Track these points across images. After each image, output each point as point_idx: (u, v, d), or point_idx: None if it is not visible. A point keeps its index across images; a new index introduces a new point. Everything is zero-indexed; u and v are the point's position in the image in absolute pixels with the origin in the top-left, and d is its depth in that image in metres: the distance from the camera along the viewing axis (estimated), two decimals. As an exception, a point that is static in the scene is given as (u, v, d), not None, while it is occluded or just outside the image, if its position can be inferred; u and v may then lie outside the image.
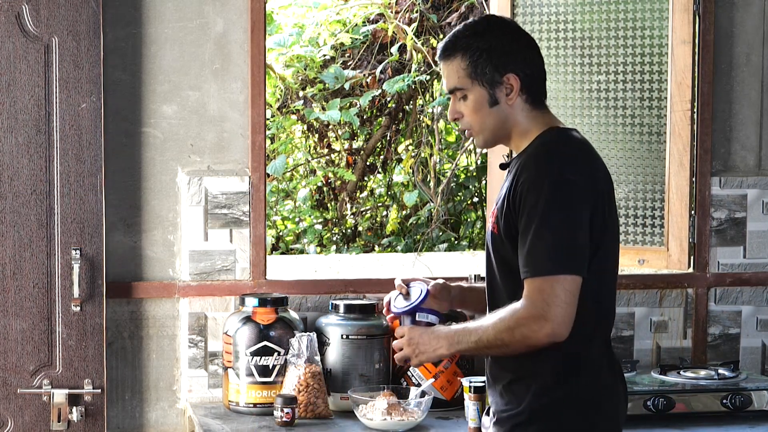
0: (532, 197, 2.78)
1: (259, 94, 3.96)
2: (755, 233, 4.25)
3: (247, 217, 3.97)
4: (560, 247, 2.77)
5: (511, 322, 2.79)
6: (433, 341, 2.95)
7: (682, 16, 4.14)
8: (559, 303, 2.75)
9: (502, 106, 2.92)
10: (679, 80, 4.16)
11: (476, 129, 2.98)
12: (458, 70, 2.94)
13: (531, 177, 2.81)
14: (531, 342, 2.78)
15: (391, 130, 7.11)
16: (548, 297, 2.75)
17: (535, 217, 2.77)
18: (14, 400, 3.78)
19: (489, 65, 2.91)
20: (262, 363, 3.75)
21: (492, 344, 2.84)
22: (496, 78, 2.91)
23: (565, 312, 2.76)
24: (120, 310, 3.93)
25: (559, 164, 2.82)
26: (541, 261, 2.76)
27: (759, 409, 3.76)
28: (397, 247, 6.91)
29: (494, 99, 2.92)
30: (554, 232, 2.77)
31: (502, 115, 2.93)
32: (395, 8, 6.85)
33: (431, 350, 2.96)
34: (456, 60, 2.94)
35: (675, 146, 4.18)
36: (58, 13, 3.72)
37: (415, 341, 2.99)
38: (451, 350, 2.94)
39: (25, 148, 3.74)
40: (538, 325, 2.76)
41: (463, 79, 2.94)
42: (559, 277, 2.75)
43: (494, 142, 3.01)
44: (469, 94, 2.94)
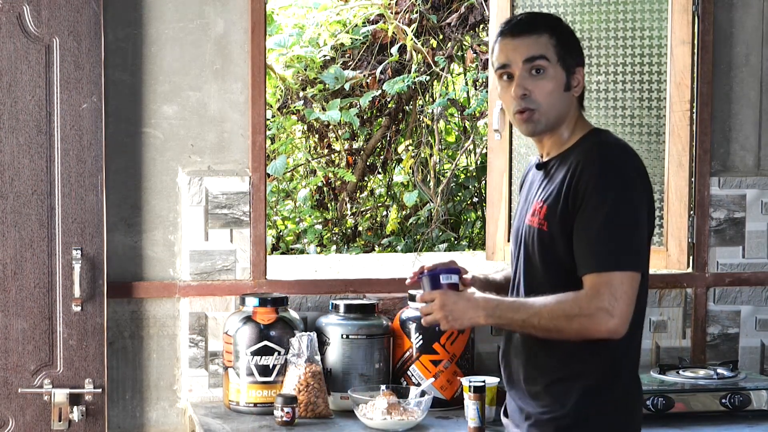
0: (599, 194, 2.81)
1: (259, 95, 3.97)
2: (754, 233, 4.26)
3: (248, 217, 3.98)
4: (627, 244, 2.81)
5: (573, 310, 2.80)
6: (469, 309, 2.93)
7: (681, 17, 4.15)
8: (625, 299, 2.78)
9: (570, 94, 2.98)
10: (679, 80, 4.16)
11: (543, 108, 2.96)
12: (546, 44, 2.96)
13: (597, 174, 2.83)
14: (589, 334, 2.80)
15: (391, 130, 7.12)
16: (616, 292, 2.77)
17: (600, 212, 2.80)
18: (15, 400, 3.79)
19: (573, 51, 2.98)
20: (263, 363, 3.76)
21: (543, 327, 2.84)
22: (572, 67, 2.98)
23: (629, 309, 2.80)
24: (121, 309, 3.93)
25: (625, 165, 2.87)
26: (610, 256, 2.79)
27: (758, 408, 3.77)
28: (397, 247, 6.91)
29: (569, 85, 2.98)
30: (621, 228, 2.81)
31: (568, 103, 2.98)
32: (395, 9, 6.85)
33: (467, 318, 2.93)
34: (543, 36, 2.96)
35: (674, 146, 4.19)
36: (59, 14, 3.73)
37: (449, 307, 2.95)
38: (489, 321, 2.92)
39: (26, 149, 3.75)
40: (602, 319, 2.77)
41: (549, 52, 2.95)
42: (627, 273, 2.79)
43: (549, 128, 2.99)
44: (549, 69, 2.95)
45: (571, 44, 2.99)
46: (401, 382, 3.85)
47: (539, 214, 2.92)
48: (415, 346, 3.83)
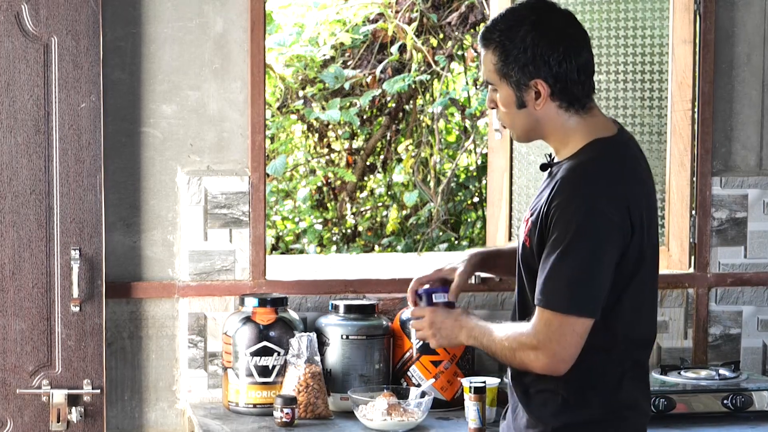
0: (561, 224, 2.69)
1: (258, 94, 3.96)
2: (756, 233, 4.25)
3: (247, 217, 3.97)
4: (578, 285, 2.69)
5: (514, 344, 2.78)
6: (455, 328, 2.96)
7: (682, 16, 4.14)
8: (562, 342, 2.70)
9: (529, 110, 2.80)
10: (680, 80, 4.15)
11: (507, 125, 2.88)
12: (488, 64, 2.81)
13: (563, 202, 2.71)
14: (529, 368, 2.78)
15: (391, 129, 7.11)
16: (553, 334, 2.70)
17: (560, 246, 2.69)
18: (13, 401, 3.77)
19: (516, 68, 2.77)
20: (262, 363, 3.74)
21: (498, 355, 2.87)
22: (522, 82, 2.77)
23: (567, 352, 2.71)
24: (119, 310, 3.92)
25: (597, 193, 2.70)
26: (556, 295, 2.70)
27: (760, 409, 3.76)
28: (397, 247, 6.90)
29: (521, 102, 2.79)
30: (576, 267, 2.68)
31: (532, 119, 2.81)
32: (395, 8, 6.84)
33: (452, 336, 2.98)
34: (489, 52, 2.81)
35: (676, 146, 4.18)
36: (57, 13, 3.72)
37: (437, 325, 3.00)
38: (468, 342, 2.95)
39: (24, 148, 3.73)
40: (535, 356, 2.74)
41: (492, 74, 2.81)
42: (570, 318, 2.69)
43: (528, 140, 2.90)
44: (499, 90, 2.83)
45: (513, 61, 2.76)
46: (401, 382, 3.84)
47: (526, 228, 2.85)
48: (416, 347, 3.82)
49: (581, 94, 2.81)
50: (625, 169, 2.78)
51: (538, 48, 2.75)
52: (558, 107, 2.80)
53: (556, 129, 2.82)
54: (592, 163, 2.76)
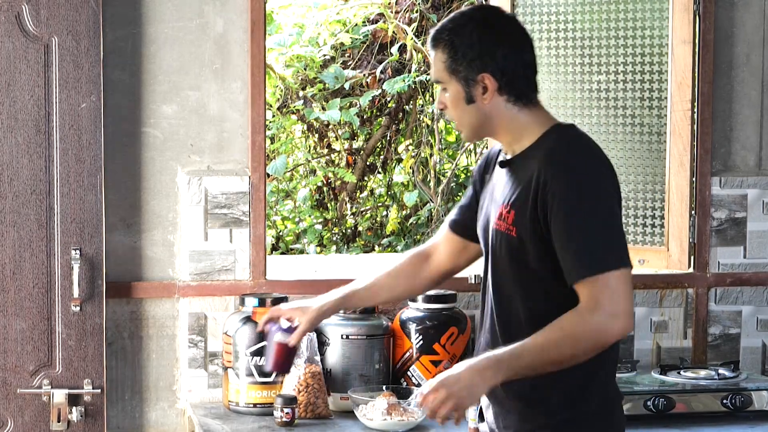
0: (568, 198, 2.72)
1: (259, 94, 3.96)
2: (755, 233, 4.25)
3: (247, 217, 3.97)
4: (613, 241, 2.72)
5: (577, 331, 2.69)
6: (476, 378, 2.71)
7: (682, 16, 4.14)
8: (626, 296, 2.69)
9: (478, 105, 2.86)
10: (680, 80, 4.15)
11: (457, 123, 2.94)
12: (438, 63, 2.89)
13: (561, 180, 2.73)
14: (603, 342, 2.70)
15: (391, 130, 7.11)
16: (614, 293, 2.67)
17: (576, 218, 2.71)
18: (14, 400, 3.78)
19: (464, 63, 2.85)
20: (262, 363, 3.75)
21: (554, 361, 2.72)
22: (470, 76, 2.85)
23: (630, 305, 2.70)
24: (120, 310, 3.92)
25: (589, 162, 2.78)
26: (599, 258, 2.70)
27: (759, 409, 3.76)
28: (397, 247, 6.91)
29: (470, 97, 2.86)
30: (601, 226, 2.71)
31: (481, 114, 2.87)
32: (395, 8, 6.85)
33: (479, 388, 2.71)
34: (438, 53, 2.89)
35: (675, 146, 4.18)
36: (57, 13, 3.72)
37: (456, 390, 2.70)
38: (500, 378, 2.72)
39: (24, 148, 3.74)
40: (612, 324, 2.68)
41: (442, 72, 2.89)
42: (621, 271, 2.69)
43: (477, 137, 2.96)
44: (448, 88, 2.89)
45: (461, 56, 2.84)
46: (401, 382, 3.84)
47: (507, 219, 2.83)
48: (415, 347, 3.82)
49: (527, 89, 2.90)
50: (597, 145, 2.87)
51: (484, 43, 2.85)
52: (506, 101, 2.87)
53: (506, 123, 2.89)
54: (569, 141, 2.83)
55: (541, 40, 4.29)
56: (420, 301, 3.86)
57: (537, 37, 4.30)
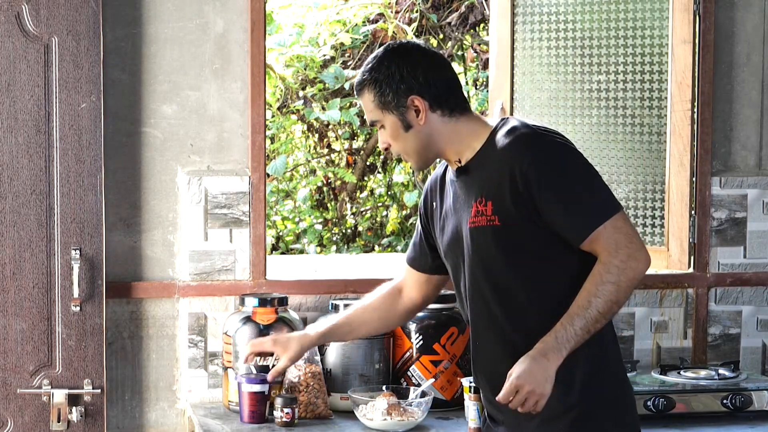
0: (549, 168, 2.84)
1: (259, 94, 3.96)
2: (755, 233, 4.25)
3: (247, 217, 3.97)
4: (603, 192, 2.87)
5: (612, 276, 2.81)
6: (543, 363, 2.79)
7: (682, 16, 4.14)
8: (635, 233, 2.86)
9: (416, 128, 2.98)
10: (680, 80, 4.15)
11: (404, 154, 3.05)
12: (368, 104, 3.03)
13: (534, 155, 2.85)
14: (638, 275, 2.85)
15: (391, 130, 7.10)
16: (626, 231, 2.84)
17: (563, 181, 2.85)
18: (14, 401, 3.78)
19: (390, 93, 2.98)
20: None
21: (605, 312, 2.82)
22: (400, 103, 2.98)
23: (640, 239, 2.87)
24: (120, 310, 3.92)
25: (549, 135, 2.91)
26: (599, 210, 2.84)
27: (759, 409, 3.76)
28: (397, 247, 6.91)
29: (407, 123, 2.99)
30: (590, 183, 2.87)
31: (422, 135, 2.99)
32: (395, 8, 6.85)
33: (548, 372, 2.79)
34: (365, 95, 3.03)
35: (675, 146, 4.18)
36: (57, 13, 3.72)
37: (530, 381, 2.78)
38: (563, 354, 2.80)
39: (24, 148, 3.74)
40: (636, 261, 2.83)
41: (374, 111, 3.03)
42: (620, 214, 2.86)
43: (426, 163, 3.07)
44: (385, 124, 3.02)
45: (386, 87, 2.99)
46: (401, 382, 3.84)
47: (485, 212, 2.92)
48: (415, 347, 3.82)
49: (458, 101, 3.03)
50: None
51: (402, 70, 2.99)
52: (441, 116, 3.00)
53: (449, 136, 3.01)
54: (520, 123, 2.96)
55: (541, 40, 4.29)
56: (420, 301, 3.85)
57: (537, 37, 4.30)
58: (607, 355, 2.94)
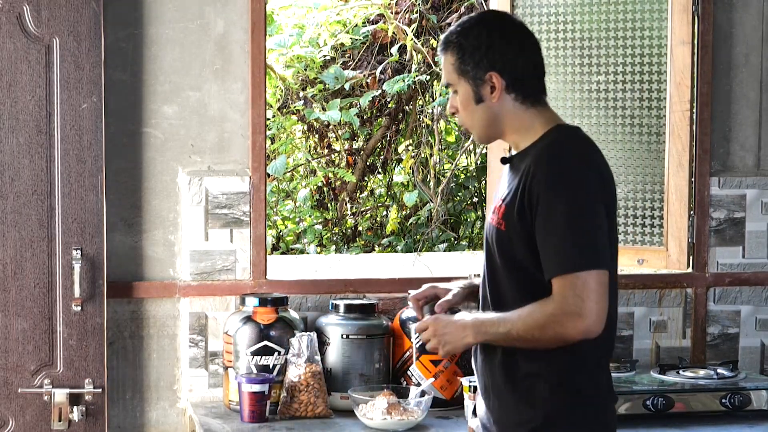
0: (551, 195, 2.78)
1: (259, 95, 3.97)
2: (754, 233, 4.26)
3: (248, 217, 3.98)
4: (587, 243, 2.77)
5: (542, 319, 2.78)
6: (458, 331, 2.93)
7: (681, 17, 4.15)
8: (593, 297, 2.74)
9: (487, 104, 2.93)
10: (678, 81, 4.16)
11: (467, 124, 3.00)
12: (448, 66, 2.97)
13: (548, 175, 2.80)
14: (564, 338, 2.78)
15: (391, 130, 7.11)
16: (581, 292, 2.74)
17: (555, 214, 2.77)
18: (15, 400, 3.79)
19: (472, 63, 2.92)
20: (263, 363, 3.76)
21: (522, 338, 2.82)
22: (478, 76, 2.92)
23: (600, 307, 2.75)
24: (121, 309, 3.93)
25: (576, 163, 2.82)
26: (571, 257, 2.75)
27: (758, 408, 3.77)
28: (397, 247, 6.91)
29: (479, 96, 2.94)
30: (577, 227, 2.77)
31: (490, 113, 2.94)
32: (395, 9, 6.85)
33: (459, 340, 2.94)
34: (447, 55, 2.97)
35: (674, 146, 4.19)
36: (59, 14, 3.73)
37: (440, 332, 2.97)
38: (478, 339, 2.92)
39: (26, 149, 3.75)
40: (572, 323, 2.75)
41: (451, 74, 2.97)
42: (591, 272, 2.75)
43: (488, 138, 3.02)
44: (458, 89, 2.97)
45: (469, 56, 2.93)
46: (401, 382, 3.85)
47: (498, 213, 2.91)
48: (415, 346, 3.83)
49: (535, 89, 2.97)
50: (592, 146, 2.92)
51: (491, 43, 2.93)
52: (514, 100, 2.94)
53: (514, 122, 2.95)
54: (563, 140, 2.89)
55: (541, 40, 4.29)
56: (420, 300, 3.86)
57: (537, 37, 4.30)
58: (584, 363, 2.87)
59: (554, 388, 2.85)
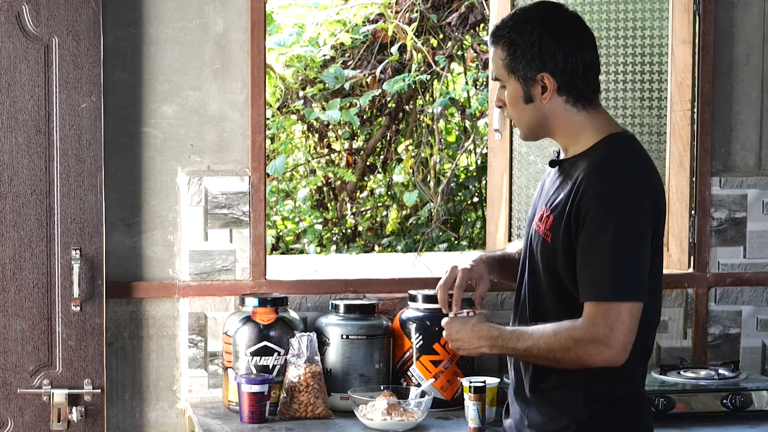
0: (599, 215, 2.72)
1: (259, 94, 3.96)
2: (755, 233, 4.25)
3: (247, 217, 3.97)
4: (627, 271, 2.72)
5: (568, 342, 2.75)
6: (474, 339, 2.93)
7: (682, 16, 4.14)
8: (623, 329, 2.71)
9: (537, 104, 2.86)
10: (679, 80, 4.16)
11: (515, 121, 2.93)
12: (497, 60, 2.89)
13: (599, 195, 2.74)
14: (585, 364, 2.76)
15: (391, 130, 7.11)
16: (612, 323, 2.70)
17: (601, 237, 2.72)
18: (14, 400, 3.78)
19: (523, 62, 2.84)
20: (262, 363, 3.75)
21: (542, 357, 2.81)
22: (529, 76, 2.84)
23: (627, 339, 2.72)
24: (120, 310, 3.93)
25: (628, 182, 2.76)
26: (608, 285, 2.72)
27: (759, 409, 3.76)
28: (397, 247, 6.91)
29: (529, 96, 2.86)
30: (621, 255, 2.72)
31: (539, 113, 2.87)
32: (395, 8, 6.85)
33: (473, 347, 2.95)
34: (498, 49, 2.88)
35: (675, 146, 4.18)
36: (58, 13, 3.72)
37: (453, 337, 2.99)
38: (493, 351, 2.93)
39: (25, 148, 3.74)
40: (597, 350, 2.72)
41: (501, 70, 2.89)
42: (626, 304, 2.71)
43: (535, 137, 2.94)
44: (507, 86, 2.89)
45: (521, 55, 2.84)
46: (401, 382, 3.84)
47: (545, 223, 2.85)
48: (415, 347, 3.83)
49: (587, 91, 2.87)
50: (647, 161, 2.85)
51: (544, 43, 2.83)
52: (565, 102, 2.86)
53: (564, 125, 2.88)
54: (618, 155, 2.81)
55: (541, 40, 4.29)
56: (420, 301, 3.86)
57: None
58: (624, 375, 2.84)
59: (590, 396, 2.84)
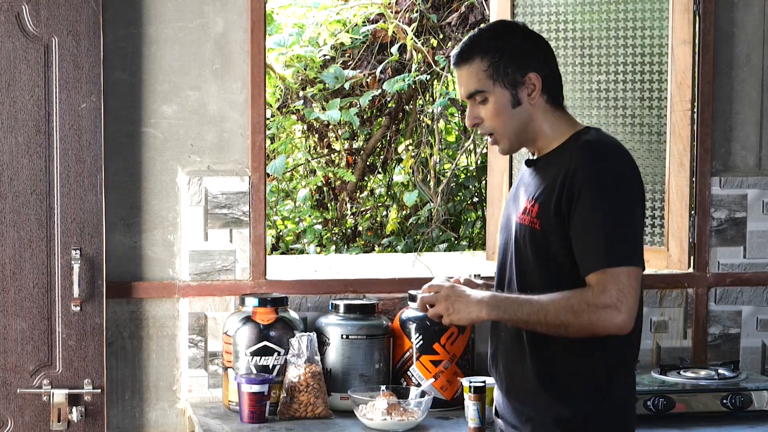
0: (594, 194, 2.79)
1: (259, 94, 3.96)
2: (755, 233, 4.25)
3: (247, 217, 3.97)
4: (629, 239, 2.80)
5: (580, 306, 2.77)
6: (472, 304, 2.88)
7: (682, 16, 4.14)
8: (632, 294, 2.77)
9: (524, 107, 2.92)
10: (680, 80, 4.16)
11: (499, 132, 2.97)
12: (478, 73, 2.92)
13: (591, 174, 2.81)
14: (596, 330, 2.78)
15: (391, 130, 7.11)
16: (624, 287, 2.76)
17: (600, 211, 2.78)
18: (14, 400, 3.78)
19: (511, 65, 2.91)
20: (262, 363, 3.75)
21: (549, 323, 2.81)
22: (518, 78, 2.91)
23: (635, 304, 2.79)
24: (120, 310, 3.93)
25: (617, 162, 2.84)
26: (615, 252, 2.77)
27: (759, 409, 3.76)
28: (397, 247, 6.91)
29: (517, 99, 2.92)
30: (622, 224, 2.79)
31: (525, 116, 2.94)
32: (395, 8, 6.85)
33: (467, 312, 2.89)
34: (475, 63, 2.92)
35: (675, 146, 4.18)
36: (58, 13, 3.72)
37: (452, 299, 2.91)
38: (492, 315, 2.88)
39: (24, 148, 3.74)
40: (609, 315, 2.76)
41: (484, 81, 2.92)
42: (632, 268, 2.78)
43: (519, 146, 3.00)
44: (490, 97, 2.93)
45: (508, 58, 2.91)
46: (401, 382, 3.84)
47: (531, 213, 2.90)
48: (415, 347, 3.83)
49: (559, 92, 2.99)
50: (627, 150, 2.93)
51: (529, 44, 2.95)
52: (546, 102, 2.95)
53: (544, 125, 2.96)
54: (600, 139, 2.91)
55: (541, 40, 4.29)
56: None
57: (537, 37, 4.30)
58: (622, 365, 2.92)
59: (593, 387, 2.88)
